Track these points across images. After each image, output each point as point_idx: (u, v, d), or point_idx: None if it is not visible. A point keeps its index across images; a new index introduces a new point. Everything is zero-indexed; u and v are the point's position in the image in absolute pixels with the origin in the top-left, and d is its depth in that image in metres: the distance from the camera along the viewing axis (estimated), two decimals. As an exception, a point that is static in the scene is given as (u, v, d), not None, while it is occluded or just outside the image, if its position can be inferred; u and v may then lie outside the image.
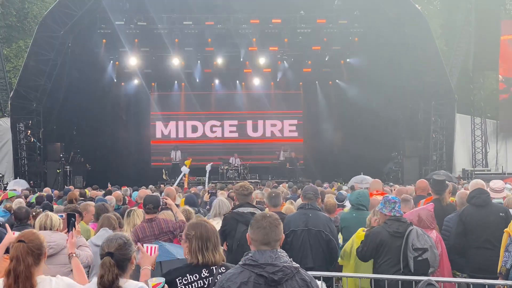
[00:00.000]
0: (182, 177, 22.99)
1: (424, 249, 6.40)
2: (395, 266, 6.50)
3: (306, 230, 7.22)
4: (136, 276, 4.58)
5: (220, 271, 4.48)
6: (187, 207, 9.15)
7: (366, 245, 6.75)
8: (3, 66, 29.24)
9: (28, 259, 4.16)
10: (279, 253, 3.93)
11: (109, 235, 4.45)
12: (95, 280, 4.15)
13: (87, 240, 7.10)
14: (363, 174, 19.15)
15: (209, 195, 15.25)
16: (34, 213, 8.46)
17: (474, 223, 7.60)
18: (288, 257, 3.95)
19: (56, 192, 17.26)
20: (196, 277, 4.49)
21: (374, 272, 6.74)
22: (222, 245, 7.40)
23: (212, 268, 4.51)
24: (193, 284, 4.49)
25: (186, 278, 4.48)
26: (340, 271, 7.47)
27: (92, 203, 9.25)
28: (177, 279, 4.48)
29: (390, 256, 6.55)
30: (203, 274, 4.50)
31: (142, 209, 8.04)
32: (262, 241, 3.94)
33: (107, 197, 12.58)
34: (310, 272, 4.35)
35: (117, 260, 4.10)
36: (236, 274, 3.90)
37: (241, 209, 7.09)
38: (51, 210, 9.08)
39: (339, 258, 7.45)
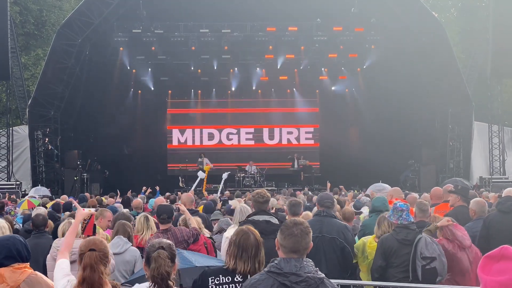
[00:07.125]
0: (198, 182, 22.98)
1: (432, 258, 6.37)
2: (403, 273, 6.48)
3: (320, 236, 7.14)
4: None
5: None
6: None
7: (375, 258, 6.74)
8: (21, 74, 29.46)
9: (101, 267, 4.25)
10: (305, 263, 3.91)
11: (154, 239, 4.51)
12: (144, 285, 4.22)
13: None
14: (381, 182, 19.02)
15: (221, 202, 15.30)
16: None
17: (496, 229, 7.59)
18: (313, 267, 3.93)
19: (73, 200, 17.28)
20: (229, 279, 4.55)
21: (382, 280, 6.71)
22: None
23: (248, 275, 4.53)
24: (224, 286, 4.56)
25: (218, 278, 4.56)
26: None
27: (109, 210, 8.98)
28: (209, 278, 4.56)
29: (399, 263, 6.53)
30: (237, 279, 4.55)
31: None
32: (291, 249, 3.93)
33: (116, 205, 12.60)
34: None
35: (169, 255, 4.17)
36: (260, 280, 3.90)
37: (256, 217, 6.85)
38: (56, 219, 9.05)
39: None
